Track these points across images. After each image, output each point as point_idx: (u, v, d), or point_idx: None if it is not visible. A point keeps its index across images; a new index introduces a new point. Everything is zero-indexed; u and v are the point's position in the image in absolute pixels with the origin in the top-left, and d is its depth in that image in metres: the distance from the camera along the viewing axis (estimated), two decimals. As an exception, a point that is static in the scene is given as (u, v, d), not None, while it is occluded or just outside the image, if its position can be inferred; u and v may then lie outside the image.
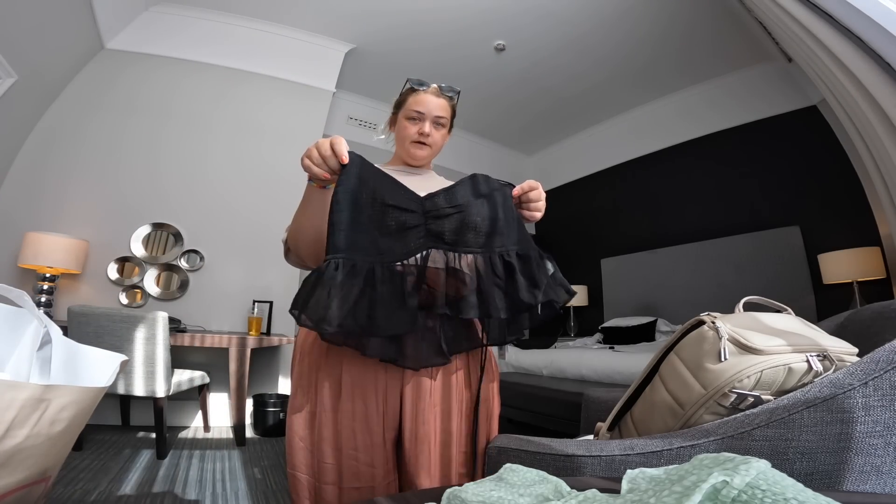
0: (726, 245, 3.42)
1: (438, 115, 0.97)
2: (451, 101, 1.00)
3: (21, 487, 0.46)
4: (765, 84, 3.33)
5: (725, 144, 3.63)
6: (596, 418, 1.14)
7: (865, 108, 1.42)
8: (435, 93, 0.97)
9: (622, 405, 0.80)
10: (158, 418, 2.10)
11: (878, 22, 1.21)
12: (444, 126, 0.99)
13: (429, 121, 0.96)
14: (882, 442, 0.50)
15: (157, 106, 3.06)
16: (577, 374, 2.77)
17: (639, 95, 4.07)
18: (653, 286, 3.87)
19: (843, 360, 0.61)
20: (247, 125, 3.26)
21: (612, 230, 4.43)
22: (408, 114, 0.97)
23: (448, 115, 0.99)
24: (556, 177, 5.15)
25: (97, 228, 2.78)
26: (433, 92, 0.98)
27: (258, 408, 2.75)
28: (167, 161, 3.02)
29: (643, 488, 0.32)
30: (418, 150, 0.98)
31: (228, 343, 2.49)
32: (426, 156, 0.99)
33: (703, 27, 3.10)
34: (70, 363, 0.63)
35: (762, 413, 0.56)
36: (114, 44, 3.00)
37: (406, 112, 0.98)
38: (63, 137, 2.80)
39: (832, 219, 2.90)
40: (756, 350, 0.61)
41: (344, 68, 3.55)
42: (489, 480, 0.43)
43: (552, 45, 3.42)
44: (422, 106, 0.96)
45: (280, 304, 3.06)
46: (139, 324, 2.05)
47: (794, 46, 1.91)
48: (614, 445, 0.63)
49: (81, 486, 1.65)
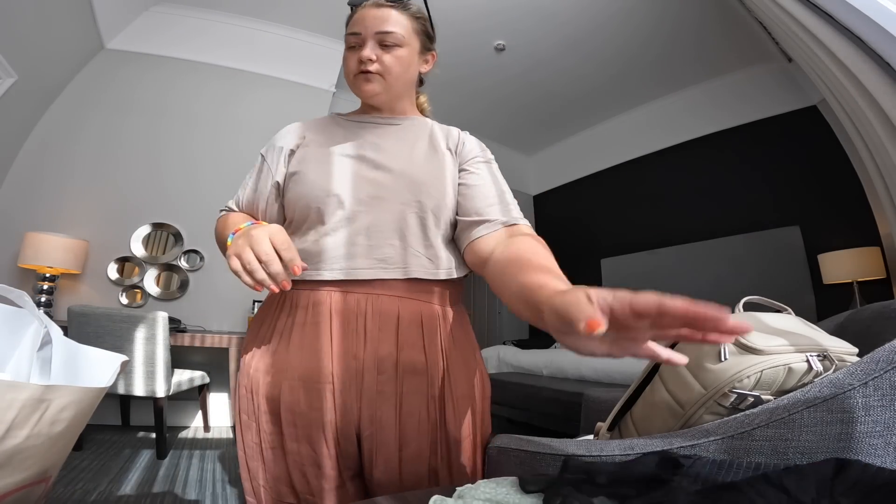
0: (726, 245, 3.42)
1: (383, 30, 0.70)
2: (404, 11, 0.73)
3: (21, 488, 0.47)
4: (765, 84, 3.33)
5: (725, 144, 3.63)
6: (596, 418, 1.14)
7: (865, 108, 1.42)
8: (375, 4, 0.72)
9: (622, 405, 0.80)
10: (158, 418, 2.10)
11: (878, 22, 1.21)
12: (399, 45, 0.72)
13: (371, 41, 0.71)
14: (882, 442, 0.50)
15: (156, 106, 3.06)
16: (577, 374, 2.77)
17: (639, 95, 4.07)
18: (653, 286, 3.79)
19: (844, 360, 0.61)
20: (247, 125, 3.26)
21: (612, 230, 4.43)
22: (347, 41, 0.73)
23: (404, 31, 0.72)
24: (556, 177, 5.15)
25: (97, 228, 2.78)
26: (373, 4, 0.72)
27: (258, 408, 2.75)
28: (167, 161, 3.02)
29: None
30: (364, 85, 0.72)
31: (228, 343, 2.49)
32: (379, 89, 0.73)
33: (703, 27, 3.10)
34: (70, 363, 0.63)
35: (762, 413, 0.56)
36: (114, 44, 3.00)
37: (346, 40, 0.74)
38: (63, 137, 2.80)
39: (832, 219, 2.90)
40: (756, 350, 0.61)
41: (344, 68, 3.55)
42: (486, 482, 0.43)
43: (552, 45, 3.42)
44: (358, 25, 0.72)
45: (280, 304, 3.05)
46: (139, 324, 2.05)
47: (794, 46, 1.91)
48: (614, 445, 0.63)
49: (81, 486, 1.65)
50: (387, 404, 0.64)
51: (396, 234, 0.68)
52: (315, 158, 0.72)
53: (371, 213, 0.68)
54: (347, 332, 0.65)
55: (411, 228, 0.68)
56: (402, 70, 0.73)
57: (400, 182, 0.70)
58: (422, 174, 0.71)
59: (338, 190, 0.68)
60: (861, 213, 2.69)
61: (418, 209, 0.69)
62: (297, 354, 0.65)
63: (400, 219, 0.68)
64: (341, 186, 0.68)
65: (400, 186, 0.69)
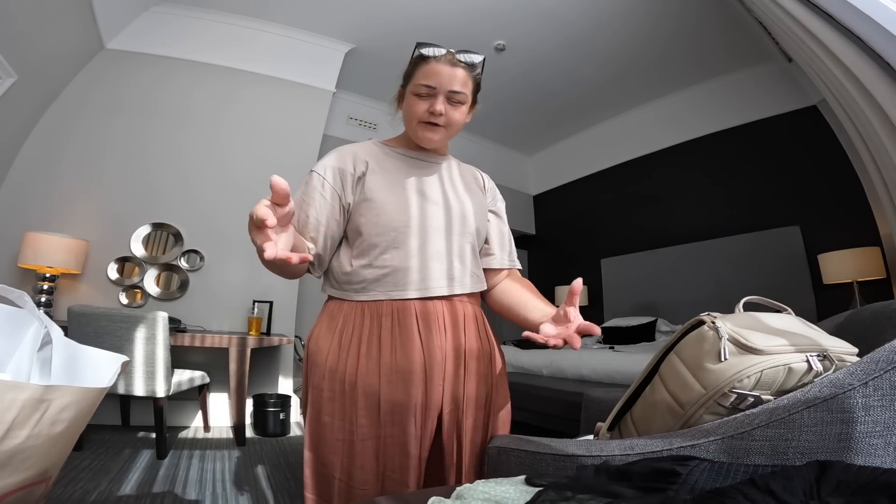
0: (726, 245, 3.42)
1: (454, 89, 0.79)
2: (471, 72, 0.82)
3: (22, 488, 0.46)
4: (765, 84, 3.33)
5: (726, 144, 3.63)
6: (596, 418, 1.14)
7: (865, 108, 1.42)
8: (450, 61, 0.79)
9: (622, 405, 0.80)
10: (158, 418, 2.10)
11: (878, 22, 1.21)
12: (462, 103, 0.81)
13: (441, 96, 0.79)
14: (882, 442, 0.50)
15: (156, 105, 3.05)
16: (577, 374, 2.77)
17: (639, 95, 4.07)
18: (653, 286, 3.87)
19: (843, 360, 0.61)
20: (247, 125, 3.26)
21: (612, 230, 4.43)
22: (416, 89, 0.81)
23: (468, 90, 0.82)
24: (556, 177, 5.15)
25: (97, 228, 2.78)
26: (447, 60, 0.79)
27: (258, 408, 2.75)
28: (167, 161, 3.02)
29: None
30: (429, 133, 0.82)
31: (228, 343, 2.49)
32: (439, 139, 0.84)
33: (703, 27, 3.10)
34: (71, 364, 0.63)
35: (762, 413, 0.56)
36: (114, 44, 2.99)
37: (414, 87, 0.81)
38: (63, 137, 2.80)
39: (832, 219, 2.90)
40: (756, 350, 0.61)
41: (344, 68, 3.55)
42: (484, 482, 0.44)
43: (552, 46, 3.42)
44: (433, 79, 0.79)
45: (280, 304, 3.06)
46: (139, 324, 2.05)
47: (794, 46, 1.91)
48: (614, 445, 0.63)
49: (81, 486, 1.64)
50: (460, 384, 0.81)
51: (459, 259, 0.85)
52: (386, 189, 0.84)
53: (438, 242, 0.83)
54: (431, 328, 0.79)
55: (467, 254, 0.87)
56: (461, 124, 0.85)
57: (455, 216, 0.86)
58: (470, 211, 0.88)
59: (413, 223, 0.82)
60: (861, 213, 2.69)
61: (471, 239, 0.88)
62: (391, 353, 0.77)
63: (460, 246, 0.86)
64: (415, 219, 0.83)
65: (456, 220, 0.86)
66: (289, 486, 1.84)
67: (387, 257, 0.81)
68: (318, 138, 3.47)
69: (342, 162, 0.86)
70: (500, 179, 5.21)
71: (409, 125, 0.86)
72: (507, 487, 0.45)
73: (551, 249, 5.10)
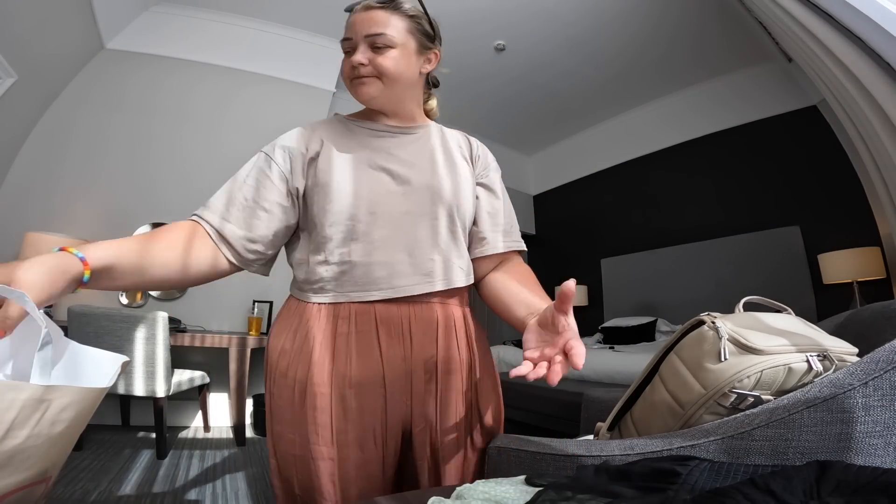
0: (726, 245, 3.42)
1: (371, 32, 0.69)
2: (395, 10, 0.70)
3: (21, 488, 0.47)
4: (765, 84, 3.33)
5: (725, 144, 3.63)
6: (596, 418, 1.14)
7: (865, 108, 1.42)
8: (364, 6, 0.70)
9: (622, 405, 0.80)
10: (158, 418, 2.10)
11: (878, 22, 1.21)
12: (391, 46, 0.69)
13: (362, 45, 0.69)
14: (882, 442, 0.50)
15: (156, 105, 3.06)
16: (577, 374, 2.77)
17: (639, 95, 4.07)
18: (653, 286, 3.87)
19: (844, 360, 0.61)
20: (246, 124, 3.26)
21: (612, 230, 4.43)
22: (343, 49, 0.72)
23: (396, 31, 0.70)
24: (556, 177, 5.15)
25: (97, 228, 2.78)
26: (363, 7, 0.70)
27: (258, 408, 2.75)
28: (168, 160, 3.02)
29: None
30: (360, 88, 0.72)
31: (228, 343, 2.49)
32: (375, 92, 0.72)
33: (703, 27, 3.10)
34: (71, 364, 0.63)
35: (762, 413, 0.56)
36: (114, 44, 3.00)
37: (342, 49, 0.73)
38: (63, 137, 2.80)
39: (832, 219, 2.90)
40: (756, 350, 0.61)
41: (344, 68, 3.55)
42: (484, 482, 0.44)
43: (552, 45, 3.42)
44: (349, 30, 0.71)
45: (280, 304, 3.05)
46: (139, 324, 2.06)
47: (794, 46, 1.91)
48: (614, 445, 0.63)
49: (81, 486, 1.65)
50: (432, 401, 0.70)
51: (435, 249, 0.72)
52: (342, 170, 0.71)
53: (407, 230, 0.71)
54: (394, 337, 0.69)
55: (446, 241, 0.73)
56: (398, 71, 0.71)
57: (428, 196, 0.72)
58: (448, 188, 0.74)
59: (374, 207, 0.70)
60: (861, 213, 2.69)
61: (449, 222, 0.74)
62: (346, 364, 0.67)
63: (434, 234, 0.72)
64: (377, 204, 0.70)
65: (428, 200, 0.72)
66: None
67: (343, 251, 0.69)
68: (318, 138, 3.47)
69: (293, 140, 0.74)
70: (500, 179, 5.16)
71: (348, 89, 0.75)
72: (507, 487, 0.45)
73: (551, 249, 5.10)
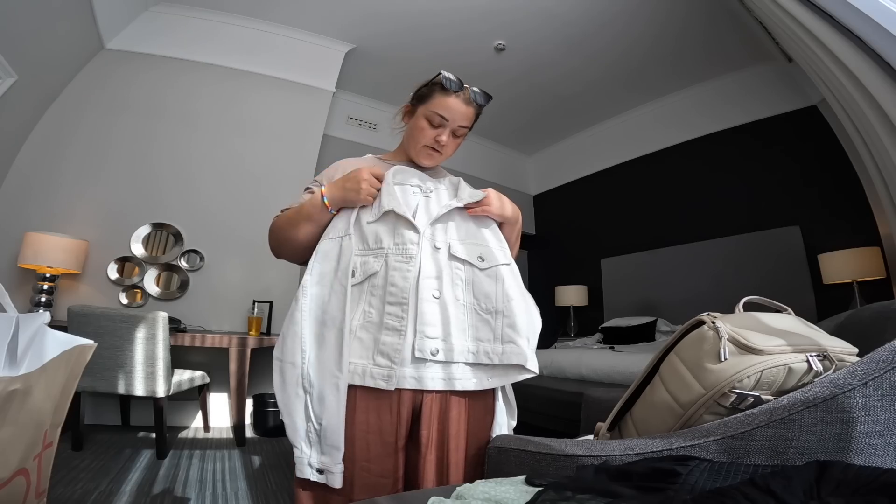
0: (726, 245, 3.42)
1: (462, 124, 0.88)
2: (477, 110, 0.90)
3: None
4: (765, 84, 3.33)
5: (725, 144, 3.63)
6: (596, 418, 1.14)
7: (865, 108, 1.42)
8: (466, 100, 0.87)
9: (622, 405, 0.80)
10: (158, 418, 2.10)
11: (878, 22, 1.21)
12: (462, 136, 0.91)
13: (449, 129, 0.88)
14: (882, 442, 0.50)
15: (156, 106, 3.06)
16: (577, 374, 2.77)
17: (639, 95, 4.07)
18: (653, 286, 3.87)
19: (843, 360, 0.61)
20: (247, 125, 3.26)
21: (612, 230, 4.43)
22: (429, 115, 0.88)
23: (471, 124, 0.91)
24: (556, 177, 5.15)
25: (97, 228, 2.78)
26: (464, 99, 0.87)
27: (258, 408, 2.75)
28: (167, 161, 3.02)
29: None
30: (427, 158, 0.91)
31: (228, 343, 2.49)
32: (434, 163, 0.93)
33: (703, 28, 3.10)
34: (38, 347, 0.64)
35: (762, 413, 0.56)
36: (114, 44, 2.99)
37: (427, 112, 0.88)
38: (63, 137, 2.80)
39: (832, 219, 2.90)
40: (756, 350, 0.61)
41: (344, 68, 3.55)
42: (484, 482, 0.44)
43: (552, 46, 3.42)
44: (448, 112, 0.86)
45: (280, 304, 3.06)
46: (139, 324, 2.05)
47: (794, 46, 1.91)
48: (614, 445, 0.63)
49: (81, 486, 1.64)
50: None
51: None
52: None
53: None
54: None
55: None
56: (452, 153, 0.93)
57: None
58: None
59: None
60: (861, 213, 2.69)
61: None
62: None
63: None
64: None
65: None
66: (289, 486, 1.84)
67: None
68: (318, 138, 3.47)
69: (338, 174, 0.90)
70: (500, 179, 5.18)
71: (413, 145, 0.91)
72: (507, 487, 0.45)
73: (551, 249, 5.09)
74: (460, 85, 0.86)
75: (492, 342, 0.78)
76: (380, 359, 0.73)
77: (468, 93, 0.86)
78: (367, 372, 0.73)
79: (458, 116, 0.86)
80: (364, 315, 0.77)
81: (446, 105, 0.85)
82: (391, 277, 0.76)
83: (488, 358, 0.77)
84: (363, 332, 0.76)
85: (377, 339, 0.75)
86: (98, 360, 2.02)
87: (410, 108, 0.92)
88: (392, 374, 0.72)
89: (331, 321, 0.75)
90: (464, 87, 0.87)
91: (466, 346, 0.77)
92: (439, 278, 0.78)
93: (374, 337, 0.75)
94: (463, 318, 0.79)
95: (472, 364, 0.78)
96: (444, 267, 0.80)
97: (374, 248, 0.80)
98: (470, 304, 0.80)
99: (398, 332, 0.74)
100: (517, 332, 0.79)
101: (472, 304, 0.80)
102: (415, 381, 0.74)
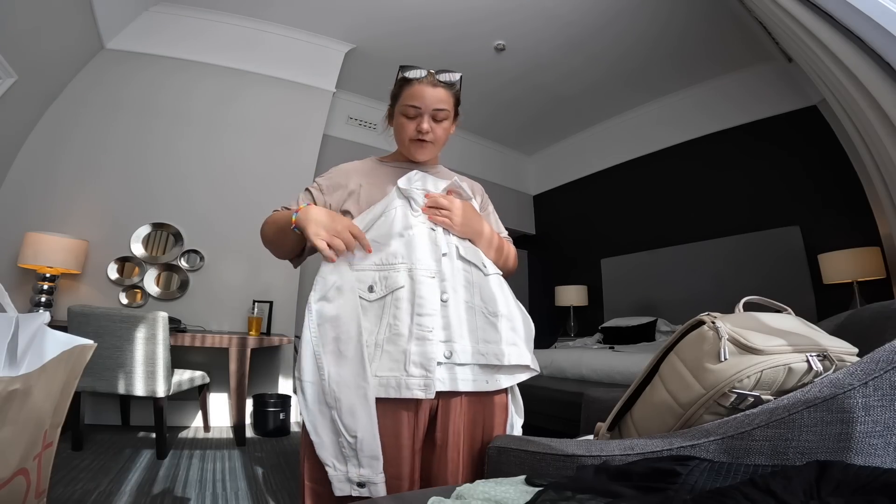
0: (726, 245, 3.42)
1: (437, 107, 0.87)
2: (451, 90, 0.90)
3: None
4: (765, 84, 3.33)
5: (725, 144, 3.63)
6: (596, 418, 1.14)
7: (865, 108, 1.42)
8: (430, 82, 0.87)
9: (622, 405, 0.80)
10: (158, 418, 2.10)
11: (878, 22, 1.21)
12: (445, 118, 0.90)
13: (427, 115, 0.87)
14: (882, 442, 0.50)
15: (156, 106, 3.05)
16: (577, 374, 2.77)
17: (639, 95, 4.07)
18: (653, 286, 3.87)
19: (843, 360, 0.61)
20: (247, 125, 3.26)
21: (612, 230, 4.43)
22: (403, 109, 0.89)
23: (450, 106, 0.89)
24: (556, 177, 5.15)
25: (97, 228, 2.78)
26: (429, 82, 0.87)
27: (258, 408, 2.75)
28: (167, 161, 3.02)
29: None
30: (419, 150, 0.91)
31: (228, 343, 2.49)
32: (430, 155, 0.93)
33: (703, 28, 3.10)
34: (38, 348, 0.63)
35: (762, 413, 0.56)
36: (114, 44, 2.99)
37: (401, 107, 0.89)
38: (63, 137, 2.80)
39: (832, 219, 2.90)
40: (756, 350, 0.61)
41: (344, 68, 3.55)
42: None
43: (552, 46, 3.42)
44: (417, 100, 0.87)
45: (280, 303, 3.06)
46: (139, 324, 2.05)
47: (794, 46, 1.91)
48: (614, 445, 0.63)
49: (81, 486, 1.64)
50: None
51: None
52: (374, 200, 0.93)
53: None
54: None
55: None
56: (446, 137, 0.93)
57: None
58: None
59: None
60: (861, 213, 2.69)
61: None
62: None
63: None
64: None
65: None
66: (289, 485, 1.84)
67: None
68: (318, 138, 3.47)
69: (338, 178, 0.94)
70: (500, 179, 5.19)
71: (401, 143, 0.93)
72: (507, 487, 0.45)
73: (551, 249, 5.09)
74: (422, 72, 0.88)
75: (499, 343, 0.82)
76: (414, 369, 0.74)
77: (431, 77, 0.87)
78: (403, 383, 0.74)
79: (430, 101, 0.87)
80: (390, 328, 0.77)
81: (414, 94, 0.87)
82: (418, 290, 0.78)
83: (497, 359, 0.81)
84: (390, 346, 0.76)
85: (406, 350, 0.75)
86: (98, 360, 2.02)
87: (390, 110, 0.96)
88: (430, 382, 0.74)
89: (346, 335, 0.76)
90: (428, 73, 0.88)
91: (477, 349, 0.80)
92: (451, 281, 0.81)
93: (404, 349, 0.75)
94: (472, 321, 0.81)
95: (483, 365, 0.81)
96: (455, 271, 0.83)
97: (392, 262, 0.81)
98: (479, 306, 0.83)
99: (430, 342, 0.76)
100: (518, 334, 0.85)
101: (480, 307, 0.83)
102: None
